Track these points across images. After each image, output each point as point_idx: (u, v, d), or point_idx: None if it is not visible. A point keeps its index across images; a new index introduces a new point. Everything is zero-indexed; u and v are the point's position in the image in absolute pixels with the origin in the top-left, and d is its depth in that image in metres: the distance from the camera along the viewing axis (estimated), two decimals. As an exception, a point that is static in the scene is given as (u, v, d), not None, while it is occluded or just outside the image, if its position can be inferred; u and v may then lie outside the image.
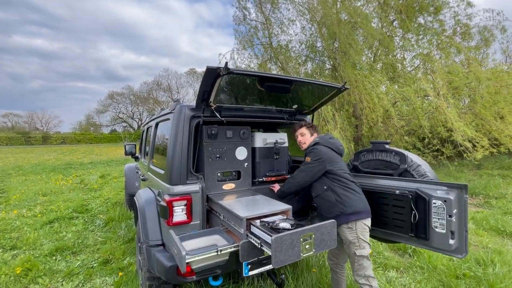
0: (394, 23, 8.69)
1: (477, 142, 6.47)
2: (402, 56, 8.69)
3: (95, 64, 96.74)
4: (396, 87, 7.96)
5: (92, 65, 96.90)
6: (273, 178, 2.72)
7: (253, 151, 2.64)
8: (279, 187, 2.41)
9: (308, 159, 2.11)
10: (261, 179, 2.65)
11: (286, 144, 2.83)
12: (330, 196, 2.01)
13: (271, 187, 2.55)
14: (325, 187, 2.06)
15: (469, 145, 6.30)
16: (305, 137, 2.33)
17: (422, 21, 8.33)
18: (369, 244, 1.95)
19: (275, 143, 2.70)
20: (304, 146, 2.31)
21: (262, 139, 2.66)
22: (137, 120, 48.87)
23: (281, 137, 2.78)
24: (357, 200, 1.99)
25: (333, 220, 1.64)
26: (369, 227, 1.98)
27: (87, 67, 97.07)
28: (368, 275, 1.89)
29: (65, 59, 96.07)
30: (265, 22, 9.71)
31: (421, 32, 8.23)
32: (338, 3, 8.49)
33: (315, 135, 2.34)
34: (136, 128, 47.24)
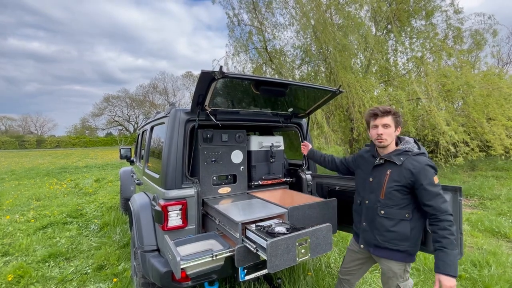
0: (388, 27, 8.82)
1: (466, 145, 6.56)
2: (395, 59, 8.81)
3: (92, 67, 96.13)
4: (391, 89, 8.04)
5: (89, 68, 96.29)
6: (269, 182, 2.72)
7: (248, 154, 2.63)
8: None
9: (436, 179, 1.55)
10: (257, 183, 2.64)
11: (282, 147, 2.84)
12: (407, 227, 1.60)
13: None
14: (407, 215, 1.61)
15: (453, 149, 6.39)
16: (389, 131, 1.68)
17: (415, 25, 8.46)
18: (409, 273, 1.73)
19: (271, 146, 2.70)
20: (385, 143, 1.69)
21: (257, 143, 2.67)
22: (133, 123, 48.58)
23: (277, 140, 2.79)
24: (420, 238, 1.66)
25: (328, 224, 1.63)
26: None
27: (84, 70, 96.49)
28: None
29: (62, 62, 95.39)
30: (260, 27, 9.76)
31: (414, 36, 8.36)
32: (331, 8, 8.58)
33: (398, 131, 1.74)
34: (132, 131, 46.94)
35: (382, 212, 1.66)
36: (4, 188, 8.07)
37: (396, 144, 1.75)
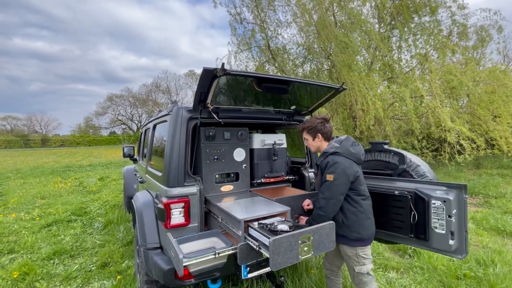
0: (391, 23, 8.72)
1: (473, 142, 6.48)
2: (399, 56, 8.72)
3: (95, 66, 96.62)
4: (395, 87, 7.97)
5: (92, 67, 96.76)
6: (272, 180, 2.70)
7: (251, 152, 2.62)
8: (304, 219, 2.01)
9: (330, 177, 1.76)
10: (260, 181, 2.63)
11: (285, 145, 2.82)
12: (338, 215, 1.82)
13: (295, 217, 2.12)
14: None
15: (458, 147, 6.33)
16: (309, 143, 2.04)
17: (419, 22, 8.36)
18: (370, 259, 1.87)
19: (273, 144, 2.68)
20: (313, 150, 2.09)
21: (260, 140, 2.65)
22: (136, 122, 48.80)
23: (280, 138, 2.77)
24: (365, 225, 1.82)
25: (332, 222, 1.63)
26: (369, 249, 1.90)
27: (87, 69, 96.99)
28: None
29: (65, 61, 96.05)
30: (262, 25, 9.72)
31: (418, 32, 8.25)
32: (333, 5, 8.51)
33: (320, 138, 1.97)
34: (135, 130, 47.15)
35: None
36: (10, 187, 8.16)
37: None
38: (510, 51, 17.38)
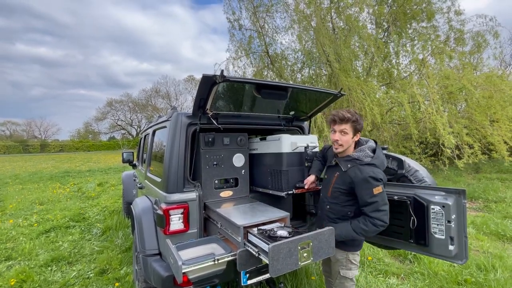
0: (389, 29, 8.83)
1: (470, 148, 6.51)
2: (397, 61, 8.81)
3: (97, 70, 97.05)
4: (393, 92, 8.03)
5: (94, 72, 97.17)
6: (305, 190, 2.23)
7: (279, 157, 2.27)
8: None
9: (379, 188, 1.63)
10: (291, 191, 2.21)
11: (317, 148, 2.43)
12: (347, 222, 1.75)
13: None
14: (349, 213, 1.78)
15: (449, 152, 6.35)
16: (346, 137, 1.76)
17: (416, 28, 8.47)
18: (357, 265, 1.86)
19: (306, 147, 2.29)
20: (339, 150, 1.80)
21: (290, 143, 2.25)
22: (135, 127, 48.88)
23: (312, 140, 2.39)
24: None
25: (331, 228, 1.62)
26: (359, 256, 1.90)
27: (89, 74, 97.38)
28: None
29: (67, 66, 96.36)
30: (260, 31, 9.83)
31: (415, 38, 8.36)
32: (332, 11, 8.62)
33: (358, 137, 1.81)
34: (134, 135, 47.19)
35: (328, 207, 1.86)
36: (8, 192, 8.12)
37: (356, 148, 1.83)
38: (506, 55, 17.60)
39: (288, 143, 2.25)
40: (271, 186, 2.37)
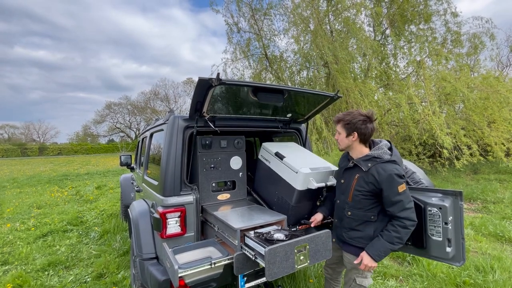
0: (386, 32, 8.89)
1: (468, 148, 6.53)
2: (394, 63, 8.86)
3: (96, 73, 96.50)
4: (391, 93, 8.06)
5: (93, 75, 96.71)
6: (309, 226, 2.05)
7: (291, 190, 2.04)
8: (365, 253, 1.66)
9: (403, 186, 1.59)
10: (294, 228, 2.04)
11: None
12: (371, 228, 1.69)
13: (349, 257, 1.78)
14: (372, 217, 1.69)
15: (447, 154, 6.37)
16: (340, 138, 1.79)
17: (413, 29, 8.53)
18: (372, 273, 1.82)
19: (323, 188, 2.10)
20: (339, 147, 1.85)
21: (308, 181, 2.00)
22: (134, 130, 48.82)
23: (331, 175, 2.16)
24: None
25: (327, 230, 1.62)
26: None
27: (88, 77, 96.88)
28: None
29: (66, 69, 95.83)
30: (259, 34, 9.87)
31: (412, 40, 8.41)
32: (329, 14, 8.67)
33: (355, 137, 1.73)
34: (133, 138, 47.12)
35: (349, 213, 1.75)
36: (6, 196, 8.07)
37: (371, 148, 1.77)
38: (503, 57, 17.72)
39: (305, 180, 1.97)
40: (275, 208, 2.27)
